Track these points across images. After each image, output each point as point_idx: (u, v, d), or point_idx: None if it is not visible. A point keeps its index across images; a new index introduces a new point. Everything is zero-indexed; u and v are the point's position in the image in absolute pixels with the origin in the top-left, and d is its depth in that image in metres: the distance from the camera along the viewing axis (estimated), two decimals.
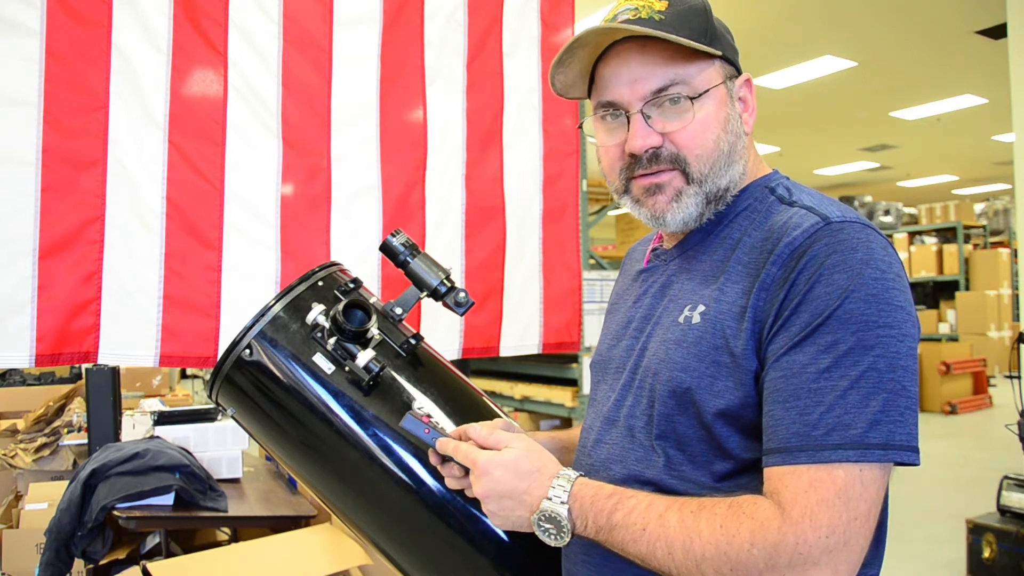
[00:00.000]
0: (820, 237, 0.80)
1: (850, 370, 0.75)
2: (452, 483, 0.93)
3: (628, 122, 0.91)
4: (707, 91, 0.89)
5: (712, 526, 0.76)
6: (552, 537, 0.84)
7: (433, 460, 0.95)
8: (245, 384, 1.07)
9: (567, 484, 0.85)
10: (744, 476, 0.83)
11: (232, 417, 1.13)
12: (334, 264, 1.16)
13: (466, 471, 0.91)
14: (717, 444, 0.84)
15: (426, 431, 0.92)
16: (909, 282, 0.83)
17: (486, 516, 0.99)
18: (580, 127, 1.03)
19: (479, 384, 1.43)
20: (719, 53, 0.90)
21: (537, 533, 0.85)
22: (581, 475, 0.87)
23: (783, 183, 0.94)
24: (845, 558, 0.73)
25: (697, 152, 0.89)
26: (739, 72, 0.95)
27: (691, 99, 0.89)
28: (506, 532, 0.99)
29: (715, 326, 0.85)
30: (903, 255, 10.16)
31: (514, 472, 0.86)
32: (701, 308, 0.87)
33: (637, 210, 0.95)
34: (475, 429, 0.92)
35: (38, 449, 2.99)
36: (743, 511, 0.76)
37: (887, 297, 0.77)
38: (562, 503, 0.83)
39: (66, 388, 3.50)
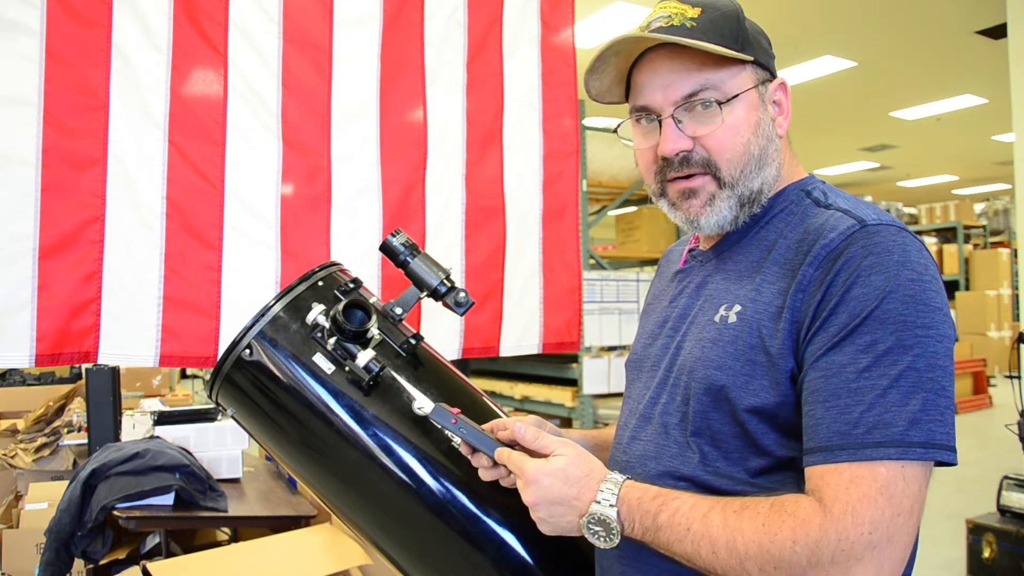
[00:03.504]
0: (856, 239, 0.81)
1: (889, 369, 0.75)
2: (501, 481, 0.94)
3: (660, 126, 0.93)
4: (737, 96, 0.91)
5: (755, 524, 0.77)
6: (601, 539, 0.85)
7: (464, 451, 0.96)
8: (245, 384, 1.07)
9: (615, 487, 0.86)
10: (779, 472, 0.84)
11: (232, 417, 1.13)
12: (334, 264, 1.16)
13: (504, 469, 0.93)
14: (751, 440, 0.85)
15: (453, 421, 0.94)
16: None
17: (486, 516, 0.99)
18: (615, 131, 1.05)
19: (479, 384, 1.43)
20: (750, 58, 0.92)
21: (587, 536, 0.86)
22: (628, 478, 0.88)
23: (819, 187, 0.95)
24: (889, 554, 0.73)
25: (728, 156, 0.91)
26: (773, 76, 0.97)
27: (720, 104, 0.90)
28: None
29: (752, 325, 0.86)
30: None
31: (563, 479, 0.86)
32: (737, 308, 0.89)
33: (673, 213, 0.97)
34: (520, 431, 0.92)
35: (38, 449, 2.99)
36: (785, 509, 0.76)
37: (924, 298, 0.78)
38: (611, 506, 0.85)
39: (66, 388, 3.50)
